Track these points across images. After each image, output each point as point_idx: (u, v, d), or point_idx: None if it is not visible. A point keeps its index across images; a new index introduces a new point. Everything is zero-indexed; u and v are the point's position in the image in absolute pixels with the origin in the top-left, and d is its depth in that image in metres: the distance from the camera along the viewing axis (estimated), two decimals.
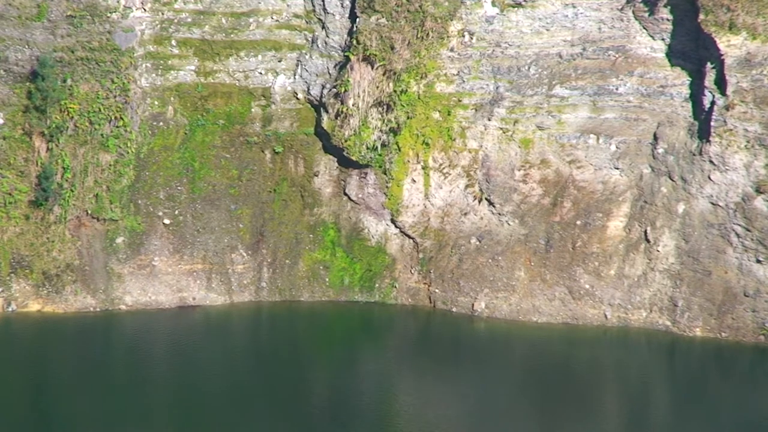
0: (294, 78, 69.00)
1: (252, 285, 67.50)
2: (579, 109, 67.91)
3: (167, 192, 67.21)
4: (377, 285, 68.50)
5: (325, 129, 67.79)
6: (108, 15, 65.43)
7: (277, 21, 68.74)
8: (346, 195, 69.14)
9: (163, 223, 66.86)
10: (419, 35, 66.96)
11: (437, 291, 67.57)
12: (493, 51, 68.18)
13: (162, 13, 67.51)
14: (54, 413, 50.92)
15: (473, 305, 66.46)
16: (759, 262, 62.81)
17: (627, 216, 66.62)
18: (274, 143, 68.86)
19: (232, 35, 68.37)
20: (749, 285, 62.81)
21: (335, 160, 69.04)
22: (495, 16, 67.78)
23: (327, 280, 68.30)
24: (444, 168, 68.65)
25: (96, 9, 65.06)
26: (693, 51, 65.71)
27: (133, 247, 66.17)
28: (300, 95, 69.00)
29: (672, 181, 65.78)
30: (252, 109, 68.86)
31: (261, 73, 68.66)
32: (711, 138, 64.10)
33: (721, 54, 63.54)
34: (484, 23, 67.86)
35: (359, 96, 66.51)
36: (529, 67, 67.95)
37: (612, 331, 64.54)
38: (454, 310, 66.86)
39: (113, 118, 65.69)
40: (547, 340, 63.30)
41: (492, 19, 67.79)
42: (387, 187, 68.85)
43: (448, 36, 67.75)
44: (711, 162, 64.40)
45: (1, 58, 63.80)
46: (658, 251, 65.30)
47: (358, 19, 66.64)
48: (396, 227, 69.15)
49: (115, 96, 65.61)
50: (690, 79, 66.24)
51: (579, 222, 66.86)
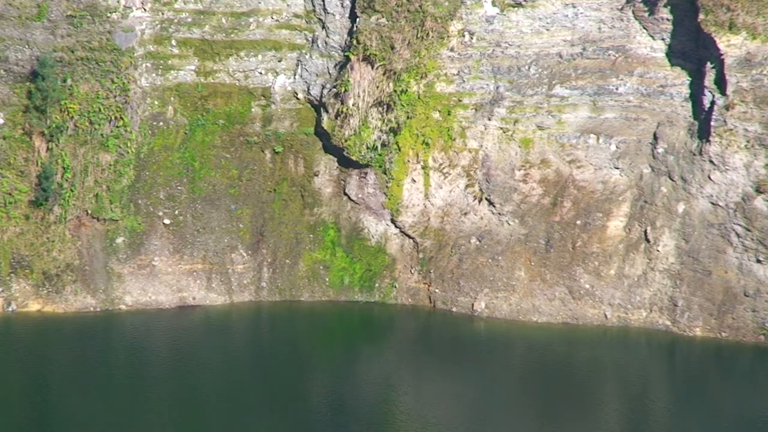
0: (294, 78, 68.95)
1: (252, 285, 67.38)
2: (579, 109, 67.84)
3: (167, 192, 67.08)
4: (377, 285, 68.39)
5: (325, 129, 67.80)
6: (108, 15, 65.39)
7: (277, 21, 68.64)
8: (346, 195, 69.08)
9: (163, 223, 66.75)
10: (419, 35, 66.91)
11: (437, 291, 67.54)
12: (494, 51, 68.12)
13: (162, 13, 67.42)
14: (54, 413, 50.74)
15: (473, 305, 66.46)
16: (759, 261, 62.73)
17: (627, 216, 66.50)
18: (274, 143, 68.75)
19: (232, 35, 68.28)
20: (749, 285, 62.73)
21: (335, 160, 68.97)
22: (495, 15, 67.73)
23: (327, 280, 68.18)
24: (444, 168, 68.58)
25: (96, 9, 65.00)
26: (693, 51, 65.66)
27: (133, 247, 66.01)
28: (300, 95, 68.97)
29: (672, 181, 65.70)
30: (252, 109, 68.75)
31: (261, 73, 68.57)
32: (711, 138, 64.04)
33: (721, 54, 63.51)
34: (484, 23, 67.80)
35: (359, 96, 66.51)
36: (530, 67, 67.88)
37: (612, 331, 64.43)
38: (454, 310, 66.79)
39: (113, 117, 65.64)
40: (547, 340, 63.14)
41: (492, 19, 67.75)
42: (387, 187, 68.78)
43: (448, 36, 67.71)
44: (711, 162, 64.28)
45: (2, 58, 63.68)
46: (658, 251, 65.21)
47: (358, 19, 66.65)
48: (396, 227, 69.08)
49: (115, 96, 65.56)
50: (690, 79, 66.15)
51: (579, 222, 66.78)
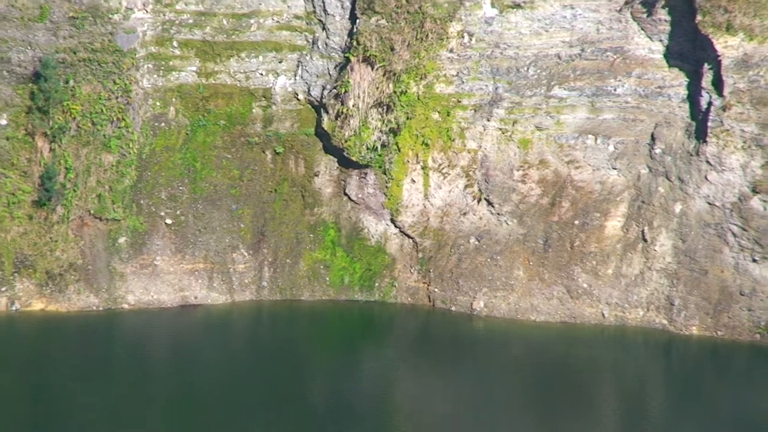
0: (295, 79, 68.77)
1: (253, 284, 67.39)
2: (577, 110, 67.64)
3: (169, 192, 67.06)
4: (377, 284, 68.31)
5: (326, 129, 67.67)
6: (110, 16, 65.24)
7: (278, 22, 68.42)
8: (346, 195, 68.94)
9: (165, 223, 66.70)
10: (419, 36, 66.77)
11: (436, 290, 67.54)
12: (492, 52, 67.86)
13: (163, 15, 67.27)
14: (57, 410, 50.42)
15: (472, 304, 66.47)
16: (755, 261, 62.65)
17: (624, 216, 66.41)
18: (274, 144, 68.59)
19: (233, 36, 68.06)
20: (745, 284, 62.69)
21: (335, 160, 68.83)
22: (494, 17, 67.51)
23: (327, 279, 68.17)
24: (443, 168, 68.47)
25: (98, 10, 64.89)
26: (690, 52, 65.47)
27: (136, 247, 66.00)
28: (300, 96, 68.83)
29: (669, 181, 65.62)
30: (253, 110, 68.54)
31: (262, 74, 68.42)
32: (708, 138, 63.94)
33: (719, 55, 63.28)
34: (483, 24, 67.58)
35: (359, 97, 66.45)
36: (528, 68, 67.75)
37: (609, 330, 64.46)
38: (453, 309, 66.75)
39: (115, 118, 65.67)
40: (545, 338, 63.19)
41: (491, 21, 67.53)
42: (387, 187, 68.64)
43: (447, 37, 67.49)
44: (708, 162, 64.17)
45: (4, 59, 63.56)
46: (655, 251, 65.19)
47: (358, 21, 66.55)
48: (396, 227, 68.92)
49: (117, 97, 65.53)
50: (687, 80, 65.99)
51: (577, 222, 66.74)
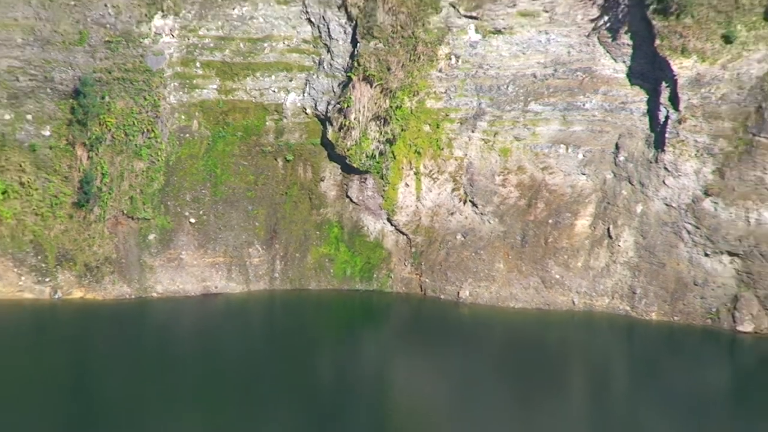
0: (303, 95, 69.62)
1: (266, 275, 68.44)
2: (551, 123, 68.02)
3: (193, 195, 68.13)
4: (375, 275, 69.41)
5: (330, 140, 68.54)
6: (141, 40, 66.34)
7: (288, 46, 69.02)
8: (348, 197, 69.94)
9: (189, 222, 68.04)
10: (412, 58, 67.39)
11: (427, 281, 68.67)
12: (476, 72, 68.42)
13: (188, 39, 68.01)
14: (93, 388, 52.01)
15: (459, 293, 67.47)
16: (707, 255, 63.51)
17: (592, 215, 67.11)
18: (285, 152, 69.50)
19: (249, 58, 68.56)
20: (698, 275, 63.81)
21: (339, 167, 69.80)
22: (478, 41, 68.03)
23: (332, 271, 69.19)
24: (433, 174, 69.21)
25: (130, 35, 66.15)
26: (650, 72, 65.89)
27: (163, 243, 67.27)
28: (308, 110, 69.80)
29: (631, 185, 66.45)
30: (266, 123, 69.25)
31: (274, 91, 69.35)
32: (666, 148, 64.64)
33: (675, 75, 64.02)
34: (468, 48, 68.07)
35: (360, 111, 67.25)
36: (508, 86, 68.36)
37: (579, 316, 64.99)
38: (442, 297, 67.53)
39: (145, 130, 66.81)
40: (523, 323, 63.88)
41: (475, 44, 68.07)
42: (384, 191, 69.46)
43: (437, 59, 68.02)
44: (665, 169, 65.07)
45: (48, 78, 64.82)
46: (619, 246, 66.13)
47: (358, 44, 67.19)
48: (392, 225, 69.88)
49: (147, 111, 66.60)
50: (647, 97, 66.52)
51: (551, 221, 67.57)
